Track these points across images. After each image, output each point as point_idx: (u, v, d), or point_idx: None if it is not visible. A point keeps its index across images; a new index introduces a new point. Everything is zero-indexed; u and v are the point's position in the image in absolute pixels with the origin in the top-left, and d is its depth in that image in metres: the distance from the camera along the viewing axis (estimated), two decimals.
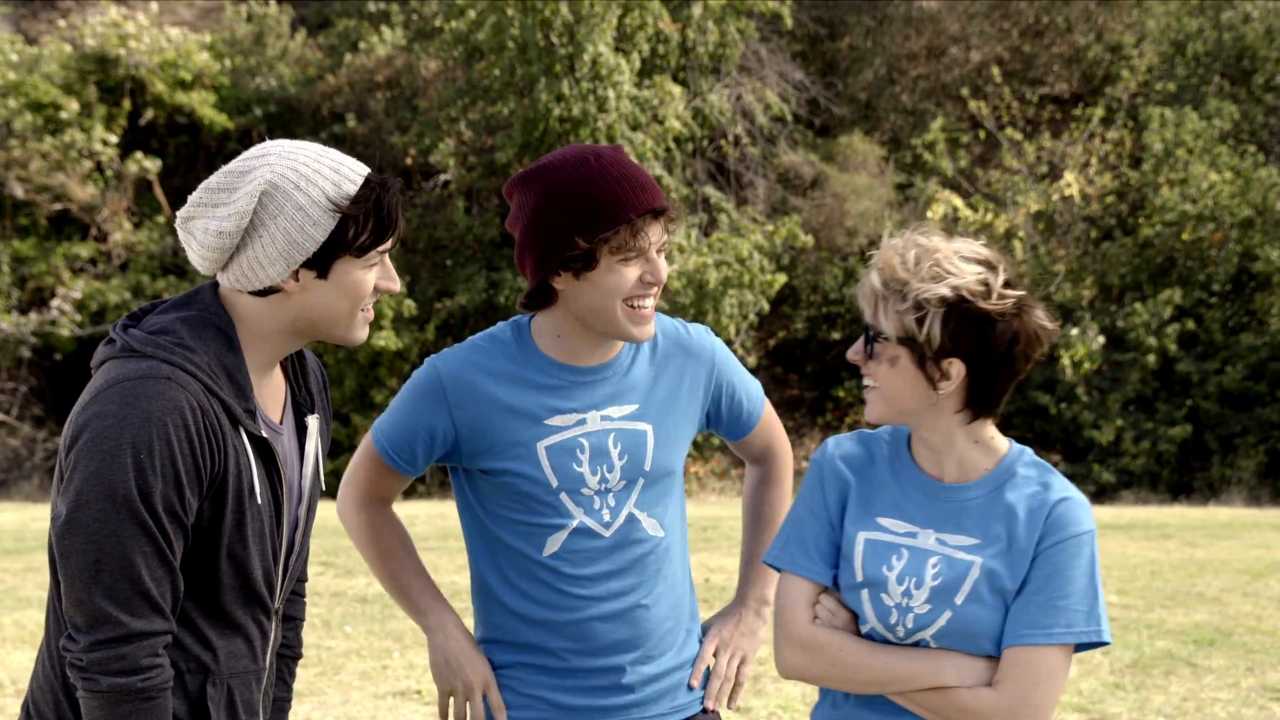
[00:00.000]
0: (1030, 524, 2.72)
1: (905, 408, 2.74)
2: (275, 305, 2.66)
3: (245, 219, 2.56)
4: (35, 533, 14.36)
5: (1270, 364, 23.37)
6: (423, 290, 24.60)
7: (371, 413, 23.47)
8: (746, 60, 26.62)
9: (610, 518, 3.11)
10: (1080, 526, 2.71)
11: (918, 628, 2.75)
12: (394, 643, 9.25)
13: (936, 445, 2.79)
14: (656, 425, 3.15)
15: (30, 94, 24.50)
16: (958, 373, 2.68)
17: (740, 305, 23.30)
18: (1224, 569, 12.19)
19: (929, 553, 2.76)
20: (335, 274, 2.64)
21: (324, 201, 2.58)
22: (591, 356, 3.12)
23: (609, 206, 2.93)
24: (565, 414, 3.09)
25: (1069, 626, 2.68)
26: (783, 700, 7.69)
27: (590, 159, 2.98)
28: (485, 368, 3.11)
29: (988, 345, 2.66)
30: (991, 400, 2.74)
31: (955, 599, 2.72)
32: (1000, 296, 2.65)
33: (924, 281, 2.65)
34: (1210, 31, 26.51)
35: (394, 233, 2.67)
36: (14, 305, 24.02)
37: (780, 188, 27.04)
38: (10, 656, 8.86)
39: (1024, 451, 2.83)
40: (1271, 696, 7.95)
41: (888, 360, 2.71)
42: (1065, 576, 2.69)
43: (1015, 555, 2.72)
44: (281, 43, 27.92)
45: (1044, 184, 25.76)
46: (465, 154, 25.36)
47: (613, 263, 2.97)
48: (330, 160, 2.62)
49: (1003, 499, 2.76)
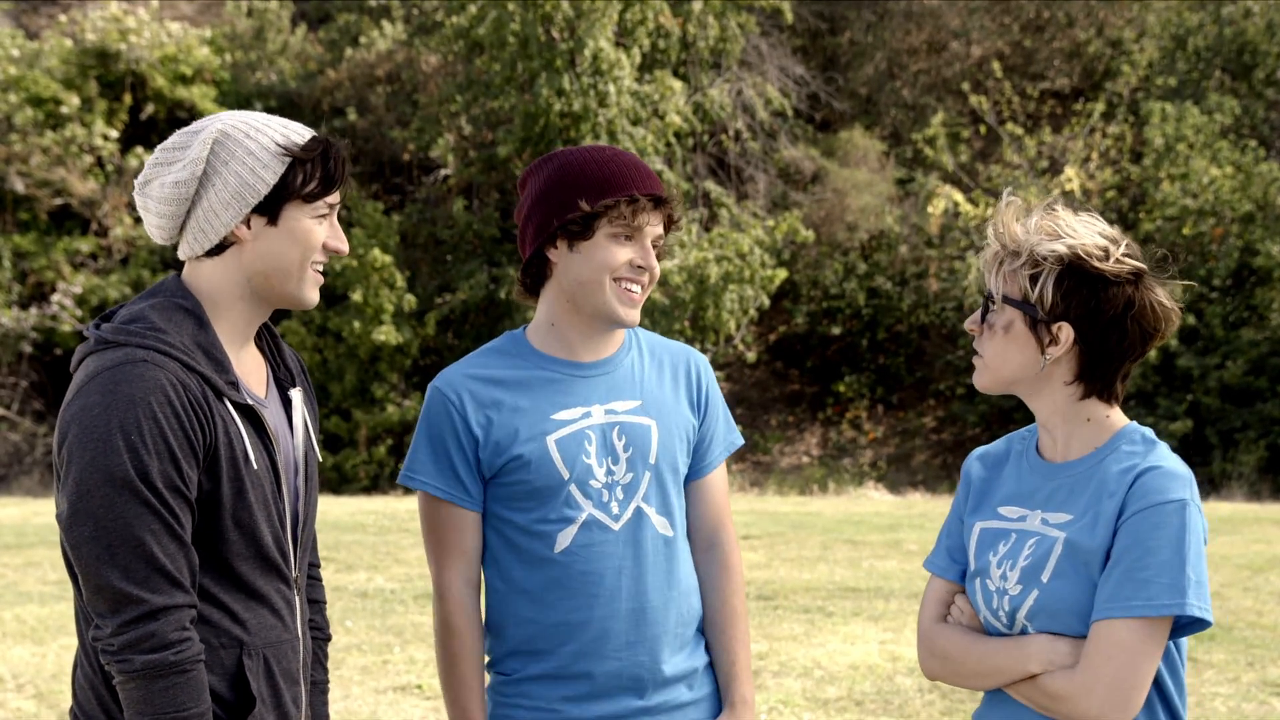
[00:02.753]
0: (1115, 494, 2.60)
1: (1012, 375, 2.69)
2: (230, 262, 2.73)
3: (200, 166, 2.67)
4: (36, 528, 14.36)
5: (1271, 359, 23.36)
6: (423, 285, 24.60)
7: (372, 407, 23.49)
8: (747, 55, 26.61)
9: (619, 510, 3.13)
10: (1165, 495, 2.56)
11: (1013, 609, 2.67)
12: (394, 637, 9.26)
13: (1049, 422, 2.72)
14: (659, 420, 3.19)
15: (31, 89, 24.49)
16: (1066, 337, 2.62)
17: (741, 300, 23.29)
18: (1224, 564, 12.19)
19: (1031, 534, 2.69)
20: (285, 221, 2.72)
21: (273, 147, 2.69)
22: (588, 351, 3.18)
23: (616, 179, 3.07)
24: (570, 407, 3.14)
25: (1149, 600, 2.52)
26: (784, 695, 7.70)
27: (605, 148, 3.15)
28: (484, 376, 3.17)
29: (1099, 310, 2.60)
30: (1105, 375, 2.65)
31: (1042, 576, 2.64)
32: (1117, 261, 2.61)
33: (1042, 239, 2.63)
34: (1211, 26, 26.49)
35: (340, 185, 2.77)
36: (14, 300, 24.01)
37: (781, 183, 27.02)
38: (11, 651, 8.86)
39: (1140, 430, 2.71)
40: (1272, 691, 7.96)
41: (1002, 327, 2.67)
42: (1145, 547, 2.54)
43: (1100, 527, 2.60)
44: (282, 37, 27.90)
45: (1045, 179, 25.74)
46: (465, 149, 25.34)
47: (607, 236, 3.08)
48: (279, 119, 2.75)
49: (1099, 472, 2.66)
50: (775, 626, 9.36)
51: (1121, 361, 2.65)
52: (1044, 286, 2.61)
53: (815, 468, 24.27)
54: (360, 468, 23.23)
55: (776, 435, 25.62)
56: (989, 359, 2.70)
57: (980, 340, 2.71)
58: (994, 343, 2.69)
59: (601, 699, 3.16)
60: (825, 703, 7.64)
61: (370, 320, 23.01)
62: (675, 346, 3.34)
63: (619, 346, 3.23)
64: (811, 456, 25.38)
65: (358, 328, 22.92)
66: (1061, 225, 2.64)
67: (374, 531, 14.34)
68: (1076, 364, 2.65)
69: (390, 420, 23.27)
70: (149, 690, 2.54)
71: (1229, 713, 7.51)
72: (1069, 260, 2.60)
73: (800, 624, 9.50)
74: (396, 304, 23.22)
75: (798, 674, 8.21)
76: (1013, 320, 2.65)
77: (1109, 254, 2.61)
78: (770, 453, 25.33)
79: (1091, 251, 2.61)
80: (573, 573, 3.11)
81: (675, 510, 3.22)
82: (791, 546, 13.18)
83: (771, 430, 25.76)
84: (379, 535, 13.99)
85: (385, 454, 23.44)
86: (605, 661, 3.14)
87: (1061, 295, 2.60)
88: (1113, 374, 2.66)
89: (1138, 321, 2.63)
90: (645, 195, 3.07)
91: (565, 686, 3.16)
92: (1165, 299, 2.65)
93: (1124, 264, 2.62)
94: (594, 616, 3.13)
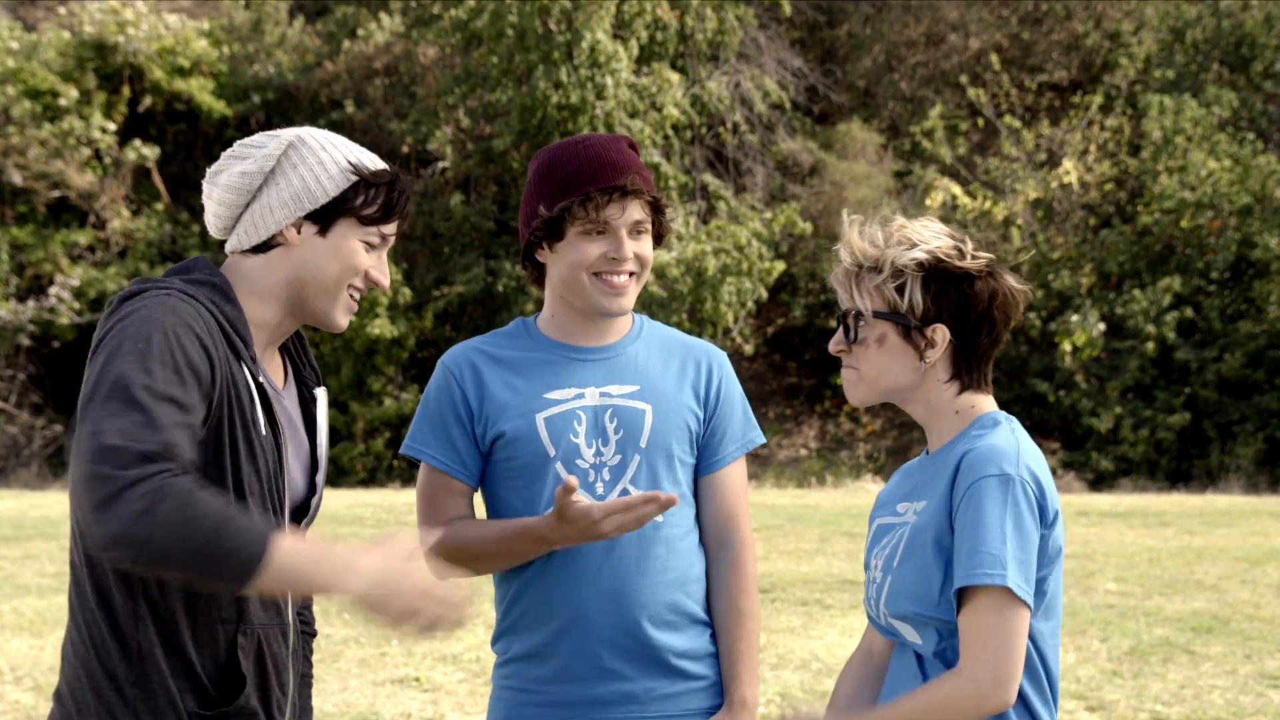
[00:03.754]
0: (947, 475, 2.63)
1: (892, 385, 2.72)
2: (273, 262, 2.74)
3: (270, 162, 2.71)
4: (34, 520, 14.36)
5: (1269, 352, 23.36)
6: (420, 278, 24.58)
7: (369, 401, 23.49)
8: (745, 47, 26.58)
9: (604, 491, 3.13)
10: (980, 471, 2.56)
11: (876, 597, 2.71)
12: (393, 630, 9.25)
13: (926, 420, 2.75)
14: (656, 407, 3.18)
15: (28, 81, 24.46)
16: (942, 338, 2.66)
17: (738, 293, 23.30)
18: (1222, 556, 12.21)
19: (905, 525, 2.72)
20: (334, 234, 2.73)
21: (344, 163, 2.73)
22: (588, 337, 3.22)
23: (570, 180, 3.09)
24: (563, 388, 3.16)
25: (971, 570, 2.52)
26: (781, 688, 7.70)
27: (578, 141, 3.17)
28: (488, 353, 3.23)
29: (968, 306, 2.66)
30: (978, 367, 2.71)
31: (894, 563, 2.68)
32: (974, 257, 2.67)
33: (898, 249, 2.66)
34: (1209, 19, 26.49)
35: (400, 218, 2.78)
36: (12, 293, 23.99)
37: (779, 175, 27.01)
38: (9, 644, 8.86)
39: (995, 415, 2.71)
40: (1269, 683, 7.97)
41: (874, 341, 2.69)
42: (963, 522, 2.55)
43: (933, 508, 2.63)
44: (280, 29, 27.87)
45: (1043, 171, 25.74)
46: (463, 141, 25.32)
47: (578, 234, 3.10)
48: (359, 146, 2.81)
49: (949, 458, 2.67)
50: (773, 619, 9.37)
51: (991, 351, 2.72)
52: (912, 294, 2.65)
53: (813, 460, 24.28)
54: (357, 460, 23.23)
55: (774, 428, 25.62)
56: (865, 373, 2.72)
57: (852, 357, 2.74)
58: (868, 357, 2.71)
59: (582, 681, 3.15)
60: (823, 695, 7.65)
61: (366, 313, 23.00)
62: (695, 343, 3.32)
63: (623, 335, 3.25)
64: (809, 449, 25.39)
65: (354, 321, 22.88)
66: (912, 233, 2.69)
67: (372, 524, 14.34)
68: (951, 362, 2.70)
69: (387, 413, 23.27)
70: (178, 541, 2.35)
71: (1226, 705, 7.52)
72: (930, 265, 2.65)
73: (798, 616, 9.51)
74: (392, 297, 23.21)
75: (795, 666, 8.22)
76: (884, 333, 2.68)
77: (963, 252, 2.66)
78: (768, 445, 25.34)
79: (949, 252, 2.65)
80: (555, 551, 3.10)
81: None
82: (789, 539, 13.19)
83: (769, 423, 25.76)
84: (377, 528, 13.98)
85: (383, 447, 23.44)
86: (586, 642, 3.13)
87: (931, 299, 2.65)
88: (984, 364, 2.72)
89: (1003, 310, 2.69)
90: (601, 189, 3.06)
91: (544, 666, 3.16)
92: (1016, 284, 2.70)
93: (979, 259, 2.67)
94: (573, 596, 3.12)
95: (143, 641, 2.58)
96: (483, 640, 9.02)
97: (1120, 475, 23.06)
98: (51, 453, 24.08)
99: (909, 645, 2.70)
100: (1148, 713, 7.37)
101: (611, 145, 3.16)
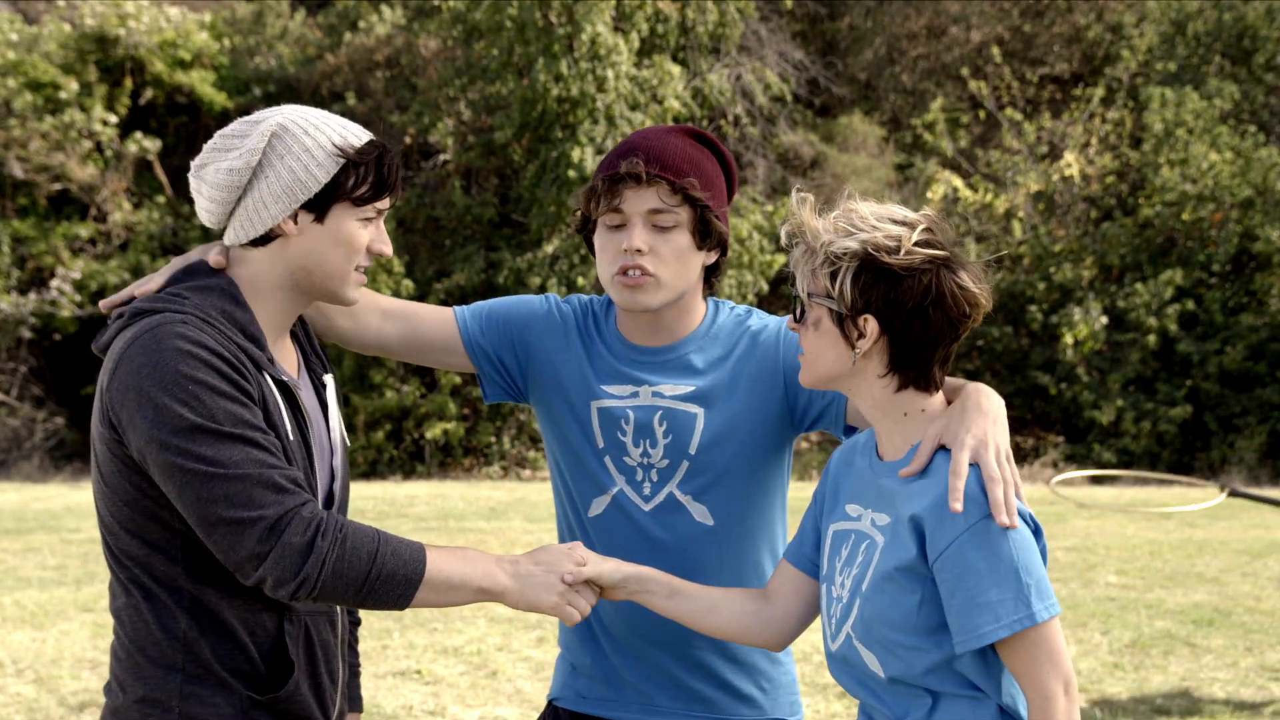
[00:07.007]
0: (921, 507, 2.56)
1: (829, 371, 2.66)
2: (274, 254, 2.74)
3: (256, 156, 2.67)
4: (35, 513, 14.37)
5: (1270, 344, 23.35)
6: (421, 270, 24.57)
7: (370, 393, 23.48)
8: (746, 40, 26.55)
9: (650, 492, 3.04)
10: (967, 520, 2.50)
11: (843, 619, 2.66)
12: (394, 623, 9.27)
13: (871, 416, 2.70)
14: (709, 411, 3.03)
15: (30, 73, 24.44)
16: (872, 330, 2.59)
17: (740, 286, 23.28)
18: (1223, 549, 12.21)
19: (864, 536, 2.67)
20: (332, 221, 2.73)
21: (330, 146, 2.69)
22: (648, 337, 3.07)
23: (597, 175, 2.96)
24: (620, 384, 3.05)
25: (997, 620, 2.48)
26: None
27: (632, 135, 3.00)
28: (577, 323, 3.13)
29: (899, 301, 2.56)
30: (918, 364, 2.62)
31: (863, 585, 2.62)
32: (908, 253, 2.57)
33: (835, 236, 2.62)
34: (1210, 11, 26.45)
35: (392, 193, 2.78)
36: (13, 285, 23.99)
37: (780, 168, 26.99)
38: (10, 637, 8.87)
39: None
40: (1270, 676, 7.97)
41: (813, 324, 2.65)
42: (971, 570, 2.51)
43: (904, 539, 2.57)
44: (281, 22, 27.86)
45: (1044, 164, 25.72)
46: (464, 133, 25.30)
47: (601, 227, 2.97)
48: (339, 119, 2.76)
49: (902, 472, 2.62)
50: None
51: (933, 349, 2.61)
52: (843, 283, 2.59)
53: (814, 453, 24.28)
54: (359, 453, 23.23)
55: None
56: (807, 355, 2.69)
57: (801, 338, 2.70)
58: (809, 339, 2.67)
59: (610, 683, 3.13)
60: (824, 688, 7.65)
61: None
62: (758, 330, 3.11)
63: (684, 335, 3.08)
64: (810, 442, 25.38)
65: None
66: (855, 220, 2.63)
67: (373, 517, 14.35)
68: (886, 356, 2.63)
69: (389, 405, 23.26)
70: (358, 581, 2.54)
71: (1227, 697, 7.52)
72: (861, 256, 2.58)
73: None
74: (394, 289, 23.19)
75: (796, 659, 8.22)
76: (820, 317, 2.64)
77: (900, 246, 2.57)
78: None
79: (882, 245, 2.57)
80: (598, 544, 3.06)
81: (724, 502, 3.06)
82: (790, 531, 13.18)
83: None
84: (378, 520, 13.98)
85: (384, 439, 23.44)
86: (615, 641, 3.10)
87: (860, 290, 2.58)
88: (926, 362, 2.62)
89: (940, 309, 2.58)
90: (603, 179, 2.92)
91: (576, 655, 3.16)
92: (969, 282, 2.59)
93: (915, 254, 2.57)
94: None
95: (188, 630, 2.63)
96: (484, 633, 9.03)
97: (1122, 468, 23.04)
98: (53, 445, 24.10)
99: (867, 673, 2.65)
100: (1149, 705, 7.38)
101: (651, 132, 2.99)
